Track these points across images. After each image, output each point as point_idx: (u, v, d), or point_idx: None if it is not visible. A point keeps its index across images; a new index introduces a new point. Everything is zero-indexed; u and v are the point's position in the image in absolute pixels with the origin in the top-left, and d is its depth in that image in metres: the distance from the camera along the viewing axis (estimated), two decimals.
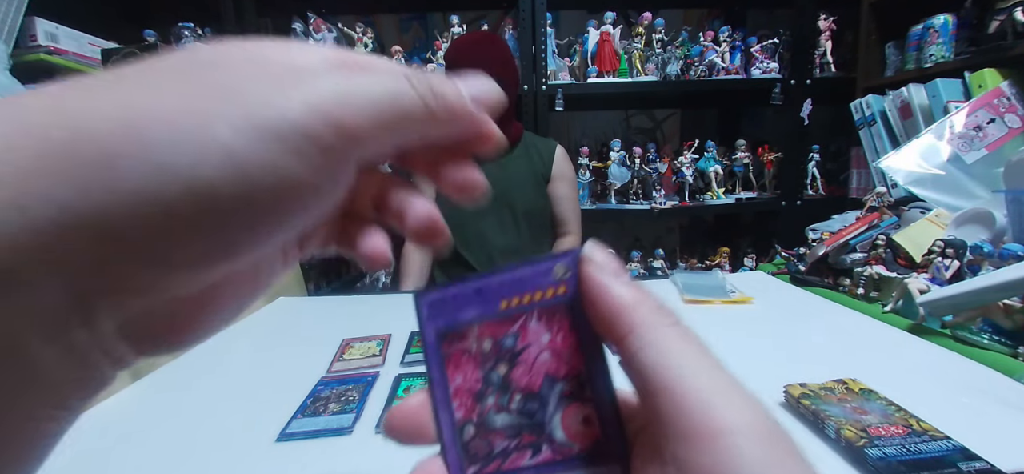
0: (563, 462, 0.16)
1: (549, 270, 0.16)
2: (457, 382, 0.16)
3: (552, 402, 0.16)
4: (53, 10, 1.10)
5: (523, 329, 0.16)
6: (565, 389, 0.16)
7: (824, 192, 1.64)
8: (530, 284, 0.16)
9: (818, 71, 1.58)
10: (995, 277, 0.54)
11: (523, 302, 0.16)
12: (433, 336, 0.17)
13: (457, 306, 0.17)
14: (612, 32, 1.52)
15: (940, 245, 0.67)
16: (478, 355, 0.16)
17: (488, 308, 0.16)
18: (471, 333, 0.17)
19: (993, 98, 0.99)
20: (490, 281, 0.17)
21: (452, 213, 0.97)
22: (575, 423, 0.16)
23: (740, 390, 0.13)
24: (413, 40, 1.90)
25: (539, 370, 0.16)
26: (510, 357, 0.16)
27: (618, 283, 0.15)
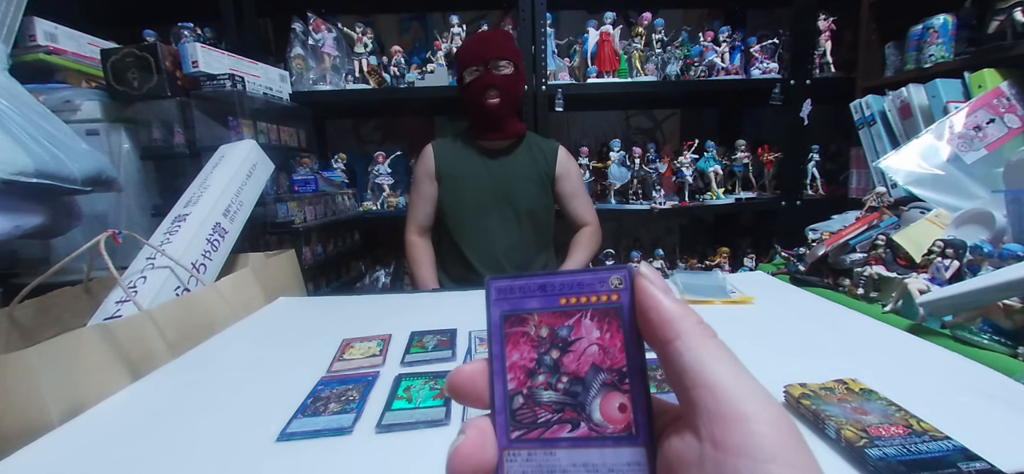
0: (598, 439, 0.18)
1: (606, 279, 0.19)
2: (513, 358, 0.19)
3: (594, 388, 0.19)
4: (53, 10, 1.10)
5: (577, 324, 0.19)
6: (607, 379, 0.19)
7: (824, 192, 1.64)
8: (588, 288, 0.19)
9: (818, 71, 1.58)
10: (995, 277, 0.54)
11: (580, 301, 0.19)
12: (498, 316, 0.20)
13: (522, 295, 0.20)
14: (612, 32, 1.52)
15: (940, 245, 0.67)
16: (535, 339, 0.19)
17: (549, 301, 0.20)
18: (531, 320, 0.20)
19: (993, 98, 0.99)
20: (554, 280, 0.20)
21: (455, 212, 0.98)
22: (612, 408, 0.18)
23: (760, 388, 0.16)
24: (413, 40, 1.90)
25: (586, 360, 0.19)
26: (563, 345, 0.19)
27: (668, 298, 0.18)
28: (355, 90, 1.52)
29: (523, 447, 0.19)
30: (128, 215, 1.17)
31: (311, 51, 1.50)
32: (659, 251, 1.71)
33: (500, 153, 1.23)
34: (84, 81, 1.17)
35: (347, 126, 2.00)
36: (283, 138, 1.43)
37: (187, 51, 1.17)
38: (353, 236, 1.78)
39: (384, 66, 1.55)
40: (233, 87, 1.20)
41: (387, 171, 1.64)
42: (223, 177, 0.90)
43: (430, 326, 0.67)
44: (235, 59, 1.26)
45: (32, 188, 0.73)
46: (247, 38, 1.48)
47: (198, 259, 0.79)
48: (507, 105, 1.17)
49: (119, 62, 1.13)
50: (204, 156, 1.05)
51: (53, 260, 0.80)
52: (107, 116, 1.15)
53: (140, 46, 1.14)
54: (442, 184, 1.23)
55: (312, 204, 1.39)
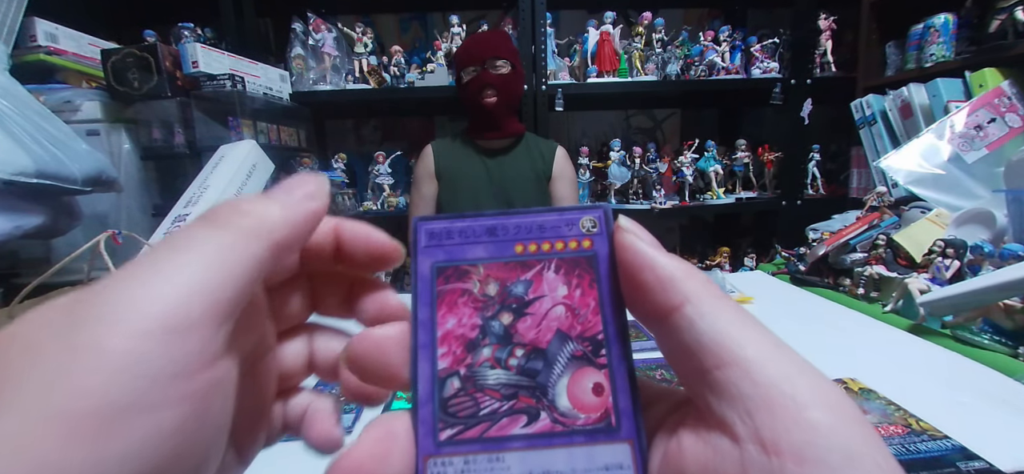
0: (563, 434, 0.13)
1: (576, 221, 0.15)
2: (448, 325, 0.14)
3: (560, 363, 0.14)
4: (53, 10, 1.10)
5: (537, 278, 0.15)
6: (576, 350, 0.14)
7: (824, 192, 1.64)
8: (552, 232, 0.15)
9: (818, 71, 1.58)
10: (995, 277, 0.53)
11: (541, 249, 0.15)
12: (427, 269, 0.15)
13: (463, 241, 0.15)
14: (612, 32, 1.52)
15: (940, 245, 0.66)
16: (480, 298, 0.15)
17: (500, 249, 0.15)
18: (475, 273, 0.15)
19: (994, 97, 0.99)
20: (507, 221, 0.15)
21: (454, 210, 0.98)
22: (584, 390, 0.14)
23: (808, 364, 0.12)
24: (413, 40, 1.90)
25: (549, 325, 0.14)
26: (518, 306, 0.14)
27: (662, 254, 0.14)
28: (355, 90, 1.52)
29: (458, 452, 0.13)
30: (128, 215, 1.17)
31: (311, 51, 1.50)
32: None
33: (499, 152, 1.23)
34: (84, 81, 1.17)
35: (347, 126, 2.00)
36: (283, 138, 1.43)
37: (187, 51, 1.17)
38: None
39: (384, 66, 1.55)
40: (233, 87, 1.21)
41: (387, 171, 1.64)
42: (223, 177, 0.90)
43: None
44: (235, 59, 1.26)
45: (32, 188, 0.73)
46: (247, 38, 1.48)
47: None
48: (505, 104, 1.17)
49: (119, 62, 1.13)
50: (204, 156, 1.05)
51: (53, 260, 0.80)
52: (107, 116, 1.15)
53: (140, 46, 1.14)
54: (441, 183, 1.23)
55: None
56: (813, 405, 0.11)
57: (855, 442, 0.11)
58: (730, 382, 0.12)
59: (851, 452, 0.11)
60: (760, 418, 0.11)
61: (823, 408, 0.11)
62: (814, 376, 0.12)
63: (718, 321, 0.13)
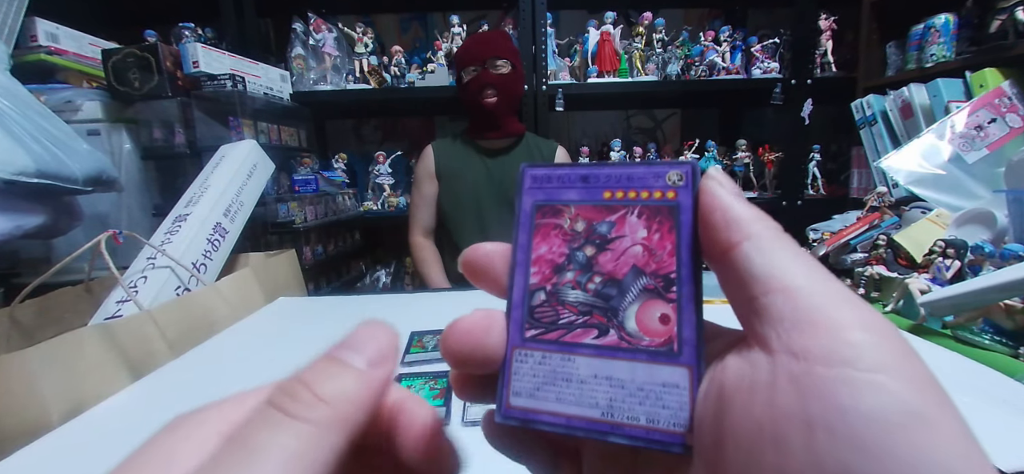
0: (628, 350, 0.15)
1: (663, 174, 0.16)
2: (541, 251, 0.17)
3: (632, 292, 0.16)
4: (53, 10, 1.10)
5: (621, 220, 0.16)
6: (648, 284, 0.16)
7: (825, 192, 1.64)
8: (639, 182, 0.17)
9: (819, 71, 1.58)
10: (996, 277, 0.53)
11: (628, 196, 0.17)
12: (529, 205, 0.17)
13: (561, 185, 0.17)
14: (612, 32, 1.52)
15: (941, 245, 0.66)
16: (569, 232, 0.17)
17: (591, 194, 0.17)
18: (567, 212, 0.17)
19: (994, 98, 0.99)
20: (599, 171, 0.17)
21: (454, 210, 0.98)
22: (651, 318, 0.15)
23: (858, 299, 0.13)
24: (413, 40, 1.90)
25: (627, 260, 0.16)
26: (601, 242, 0.16)
27: (738, 201, 0.15)
28: (355, 90, 1.52)
29: (537, 348, 0.16)
30: (129, 215, 1.17)
31: (311, 51, 1.50)
32: None
33: (499, 152, 1.23)
34: (85, 81, 1.17)
35: (347, 126, 2.00)
36: (283, 138, 1.43)
37: (188, 51, 1.17)
38: (353, 236, 1.78)
39: (384, 66, 1.55)
40: (234, 87, 1.21)
41: (387, 171, 1.64)
42: (224, 177, 0.90)
43: (430, 326, 0.67)
44: (236, 59, 1.26)
45: (33, 188, 0.73)
46: (248, 38, 1.48)
47: (198, 259, 0.79)
48: (505, 104, 1.17)
49: (120, 62, 1.13)
50: (205, 156, 1.06)
51: (54, 260, 0.80)
52: (108, 116, 1.15)
53: (141, 46, 1.14)
54: (441, 183, 1.23)
55: (312, 204, 1.39)
56: (851, 327, 0.12)
57: (885, 355, 0.11)
58: (774, 305, 0.13)
59: (881, 362, 0.11)
60: (796, 333, 0.12)
61: (861, 329, 0.12)
62: (859, 306, 0.12)
63: (772, 255, 0.13)
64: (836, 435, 0.11)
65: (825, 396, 0.11)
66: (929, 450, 0.10)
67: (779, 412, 0.12)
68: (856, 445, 0.10)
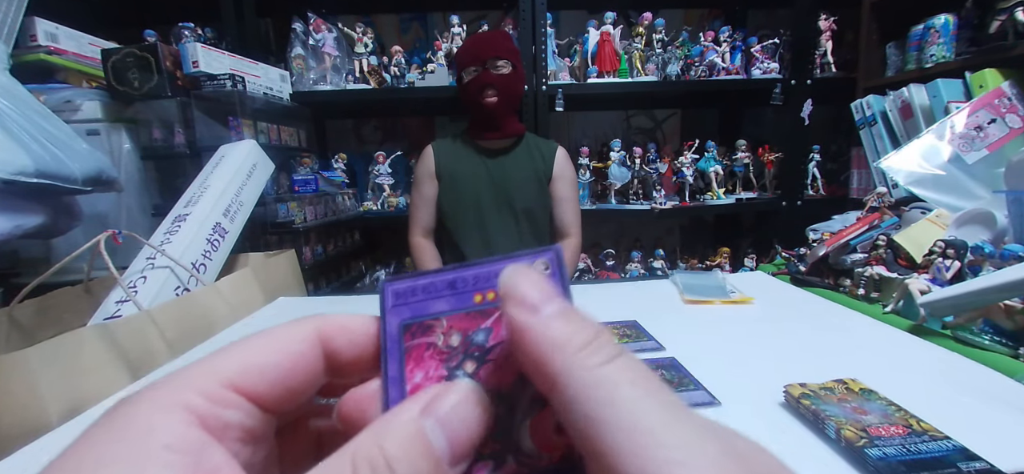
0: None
1: (530, 264, 0.15)
2: (416, 379, 0.15)
3: (522, 406, 0.14)
4: (53, 10, 1.10)
5: (496, 324, 0.15)
6: (537, 392, 0.14)
7: (824, 192, 1.64)
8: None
9: (818, 71, 1.58)
10: (996, 278, 0.53)
11: (499, 297, 0.15)
12: (396, 328, 0.15)
13: (427, 297, 0.16)
14: (612, 32, 1.52)
15: (941, 245, 0.66)
16: (444, 350, 0.15)
17: (460, 301, 0.15)
18: (438, 326, 0.15)
19: (994, 98, 0.99)
20: (465, 273, 0.16)
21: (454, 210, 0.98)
22: (546, 431, 0.14)
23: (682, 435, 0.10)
24: (413, 40, 1.90)
25: (510, 370, 0.14)
26: (480, 354, 0.15)
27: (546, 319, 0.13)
28: (355, 90, 1.52)
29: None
30: (128, 215, 1.17)
31: (311, 51, 1.50)
32: (659, 251, 1.71)
33: (499, 153, 1.23)
34: (85, 81, 1.17)
35: (347, 126, 2.00)
36: (283, 138, 1.43)
37: (187, 51, 1.17)
38: (353, 236, 1.78)
39: (384, 66, 1.55)
40: (233, 87, 1.21)
41: (387, 171, 1.64)
42: (223, 177, 0.90)
43: None
44: (235, 59, 1.26)
45: (32, 188, 0.73)
46: (247, 38, 1.48)
47: (198, 259, 0.79)
48: (505, 104, 1.17)
49: (120, 62, 1.13)
50: (204, 156, 1.06)
51: (53, 260, 0.80)
52: (108, 116, 1.15)
53: (141, 46, 1.14)
54: (441, 183, 1.23)
55: (312, 204, 1.39)
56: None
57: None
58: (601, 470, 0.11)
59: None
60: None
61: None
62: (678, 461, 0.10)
63: (586, 404, 0.11)
64: None
65: None
66: None
67: None
68: None
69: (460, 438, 0.13)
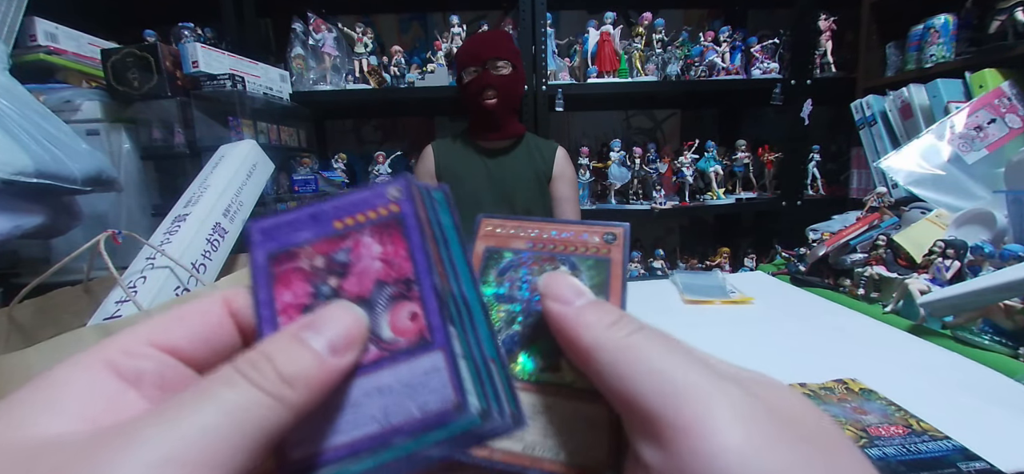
0: (389, 357, 0.16)
1: (383, 193, 0.17)
2: (285, 298, 0.17)
3: (381, 305, 0.16)
4: (53, 10, 1.10)
5: (356, 244, 0.17)
6: (393, 292, 0.17)
7: (824, 192, 1.64)
8: (364, 205, 0.18)
9: (818, 71, 1.58)
10: (996, 278, 0.53)
11: (357, 221, 0.17)
12: (263, 258, 0.17)
13: (291, 230, 0.17)
14: (612, 32, 1.52)
15: (941, 245, 0.66)
16: (309, 271, 0.17)
17: (322, 229, 0.17)
18: (303, 253, 0.17)
19: (994, 98, 0.99)
20: (325, 206, 0.18)
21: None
22: (402, 319, 0.16)
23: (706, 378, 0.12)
24: (413, 40, 1.90)
25: (370, 278, 0.17)
26: (342, 269, 0.17)
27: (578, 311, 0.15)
28: (355, 90, 1.52)
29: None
30: (128, 215, 1.17)
31: (311, 51, 1.50)
32: (659, 251, 1.71)
33: (499, 153, 1.23)
34: (84, 81, 1.17)
35: (347, 126, 2.00)
36: (283, 138, 1.43)
37: (187, 51, 1.17)
38: None
39: (384, 66, 1.55)
40: (233, 87, 1.20)
41: (387, 171, 1.64)
42: (223, 177, 0.90)
43: None
44: (235, 59, 1.26)
45: (32, 188, 0.73)
46: (247, 38, 1.48)
47: (198, 259, 0.79)
48: (505, 105, 1.17)
49: (119, 62, 1.13)
50: (204, 156, 1.05)
51: (53, 260, 0.80)
52: (107, 116, 1.15)
53: (140, 46, 1.14)
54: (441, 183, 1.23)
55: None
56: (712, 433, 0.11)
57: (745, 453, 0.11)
58: (633, 423, 0.13)
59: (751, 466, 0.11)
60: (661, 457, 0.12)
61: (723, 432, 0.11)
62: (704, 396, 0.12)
63: (616, 368, 0.13)
64: None
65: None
66: None
67: None
68: None
69: (333, 335, 0.15)
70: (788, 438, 0.11)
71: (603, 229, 0.18)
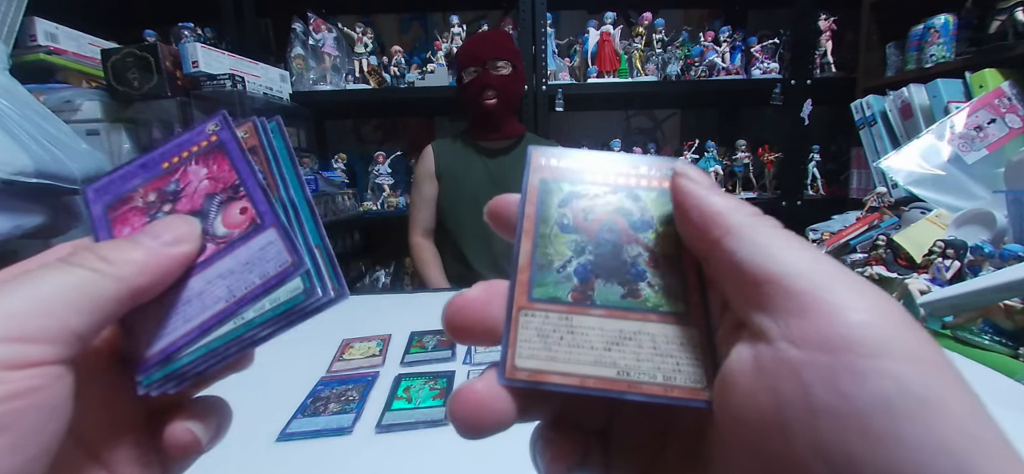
0: (226, 247, 0.18)
1: (202, 130, 0.20)
2: (124, 234, 0.18)
3: (213, 211, 0.18)
4: (53, 10, 1.10)
5: (183, 174, 0.19)
6: (223, 198, 0.19)
7: (824, 192, 1.64)
8: (188, 143, 0.19)
9: (818, 71, 1.58)
10: (996, 278, 0.53)
11: (182, 158, 0.19)
12: (100, 210, 0.19)
13: (123, 181, 0.19)
14: (612, 32, 1.52)
15: (940, 245, 0.66)
16: (144, 207, 0.19)
17: (152, 173, 0.19)
18: (137, 194, 0.19)
19: (994, 98, 0.99)
20: (153, 153, 0.20)
21: (454, 211, 0.98)
22: (234, 216, 0.18)
23: (856, 277, 0.12)
24: (413, 40, 1.90)
25: (200, 194, 0.19)
26: (173, 197, 0.19)
27: (713, 194, 0.15)
28: (355, 90, 1.52)
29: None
30: None
31: (311, 51, 1.50)
32: None
33: (499, 153, 1.23)
34: (84, 81, 1.17)
35: (347, 126, 2.00)
36: None
37: (187, 51, 1.17)
38: (353, 236, 1.78)
39: (384, 66, 1.55)
40: (233, 87, 1.20)
41: (387, 171, 1.64)
42: None
43: (430, 326, 0.67)
44: (235, 59, 1.26)
45: (32, 188, 0.73)
46: (247, 38, 1.48)
47: None
48: (505, 105, 1.17)
49: (119, 62, 1.13)
50: None
51: None
52: (107, 116, 1.15)
53: (140, 46, 1.14)
54: (441, 183, 1.23)
55: None
56: (849, 309, 0.11)
57: (887, 337, 0.11)
58: (766, 296, 0.13)
59: (883, 346, 0.11)
60: (794, 322, 0.12)
61: (860, 311, 0.11)
62: (856, 286, 0.12)
63: (756, 244, 0.13)
64: (839, 422, 0.11)
65: (827, 383, 0.11)
66: (935, 435, 0.10)
67: (783, 400, 0.12)
68: (860, 431, 0.10)
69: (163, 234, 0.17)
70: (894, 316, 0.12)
71: (663, 163, 0.19)
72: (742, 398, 0.13)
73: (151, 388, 0.16)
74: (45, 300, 0.13)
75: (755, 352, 0.13)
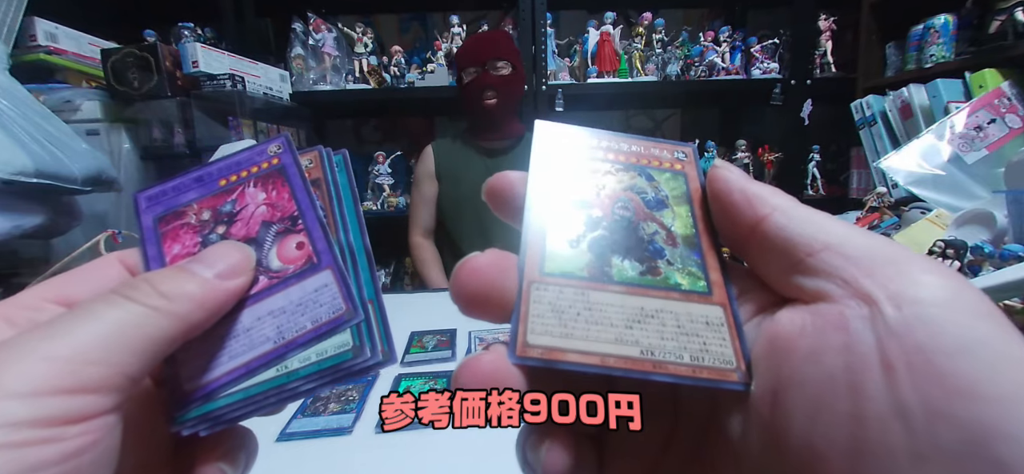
0: (280, 283, 0.17)
1: (264, 150, 0.19)
2: (174, 251, 0.17)
3: (268, 241, 0.17)
4: (52, 10, 1.10)
5: (240, 195, 0.18)
6: (280, 228, 0.18)
7: (824, 192, 1.64)
8: (247, 162, 0.19)
9: (818, 71, 1.58)
10: (996, 278, 0.53)
11: (241, 177, 0.18)
12: (150, 222, 0.18)
13: (177, 193, 0.18)
14: (612, 32, 1.52)
15: (940, 246, 0.66)
16: (197, 225, 0.18)
17: (207, 189, 0.18)
18: (190, 210, 0.18)
19: (994, 98, 0.99)
20: (211, 168, 0.19)
21: (454, 211, 0.98)
22: (290, 250, 0.17)
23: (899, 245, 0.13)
24: (413, 40, 1.90)
25: (256, 221, 0.18)
26: (228, 219, 0.18)
27: (751, 180, 0.16)
28: (355, 90, 1.52)
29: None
30: (128, 215, 1.17)
31: (311, 51, 1.50)
32: None
33: (499, 153, 1.23)
34: (84, 81, 1.17)
35: (347, 126, 2.00)
36: None
37: (187, 51, 1.17)
38: None
39: (384, 66, 1.55)
40: (233, 87, 1.20)
41: (387, 171, 1.64)
42: None
43: (430, 326, 0.67)
44: (235, 59, 1.26)
45: (32, 188, 0.73)
46: (247, 38, 1.48)
47: None
48: (505, 106, 1.17)
49: (119, 62, 1.13)
50: (204, 156, 1.06)
51: (53, 260, 0.80)
52: (107, 116, 1.15)
53: (140, 46, 1.14)
54: (441, 184, 1.23)
55: None
56: (912, 269, 0.12)
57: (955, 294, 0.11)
58: (824, 262, 0.13)
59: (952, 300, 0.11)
60: (860, 281, 0.12)
61: (923, 271, 0.12)
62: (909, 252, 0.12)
63: (804, 220, 0.14)
64: (917, 374, 0.11)
65: (902, 336, 0.11)
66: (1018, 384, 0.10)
67: (855, 358, 0.11)
68: (939, 382, 0.10)
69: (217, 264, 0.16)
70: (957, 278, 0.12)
71: (673, 146, 0.19)
72: (802, 362, 0.13)
73: (184, 426, 0.15)
74: (103, 341, 0.12)
75: (814, 315, 0.13)
